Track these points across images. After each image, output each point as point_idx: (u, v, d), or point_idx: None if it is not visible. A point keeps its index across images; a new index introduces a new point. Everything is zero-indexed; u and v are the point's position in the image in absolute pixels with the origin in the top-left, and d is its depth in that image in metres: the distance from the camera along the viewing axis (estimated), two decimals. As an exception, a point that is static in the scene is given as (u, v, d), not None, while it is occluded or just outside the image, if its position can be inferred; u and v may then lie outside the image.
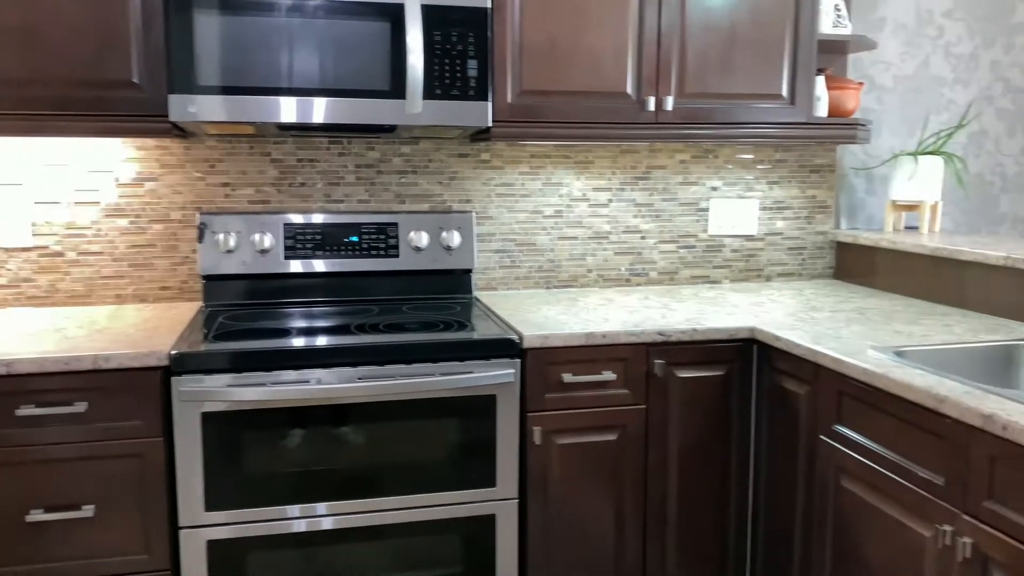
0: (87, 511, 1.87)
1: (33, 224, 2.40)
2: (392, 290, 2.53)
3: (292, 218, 2.44)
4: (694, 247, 2.87)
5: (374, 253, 2.48)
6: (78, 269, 2.43)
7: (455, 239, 2.52)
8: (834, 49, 2.72)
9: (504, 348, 2.03)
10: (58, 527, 1.87)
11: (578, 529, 2.16)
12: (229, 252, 2.40)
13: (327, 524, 1.98)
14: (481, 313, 2.33)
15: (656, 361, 2.14)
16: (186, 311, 2.36)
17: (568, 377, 2.09)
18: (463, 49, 2.15)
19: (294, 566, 1.97)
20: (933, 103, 3.04)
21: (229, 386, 1.88)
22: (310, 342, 1.97)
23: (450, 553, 2.06)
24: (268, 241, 2.41)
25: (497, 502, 2.07)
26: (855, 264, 2.87)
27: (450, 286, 2.57)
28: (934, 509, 1.58)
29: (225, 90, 2.03)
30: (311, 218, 2.46)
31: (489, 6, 2.16)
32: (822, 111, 2.58)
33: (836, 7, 2.61)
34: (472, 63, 2.16)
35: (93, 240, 2.43)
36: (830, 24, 2.60)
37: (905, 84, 3.00)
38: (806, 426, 2.00)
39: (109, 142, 2.41)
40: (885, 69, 2.97)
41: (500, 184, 2.68)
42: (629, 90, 2.36)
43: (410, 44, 2.06)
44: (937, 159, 2.79)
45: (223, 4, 2.00)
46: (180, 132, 2.23)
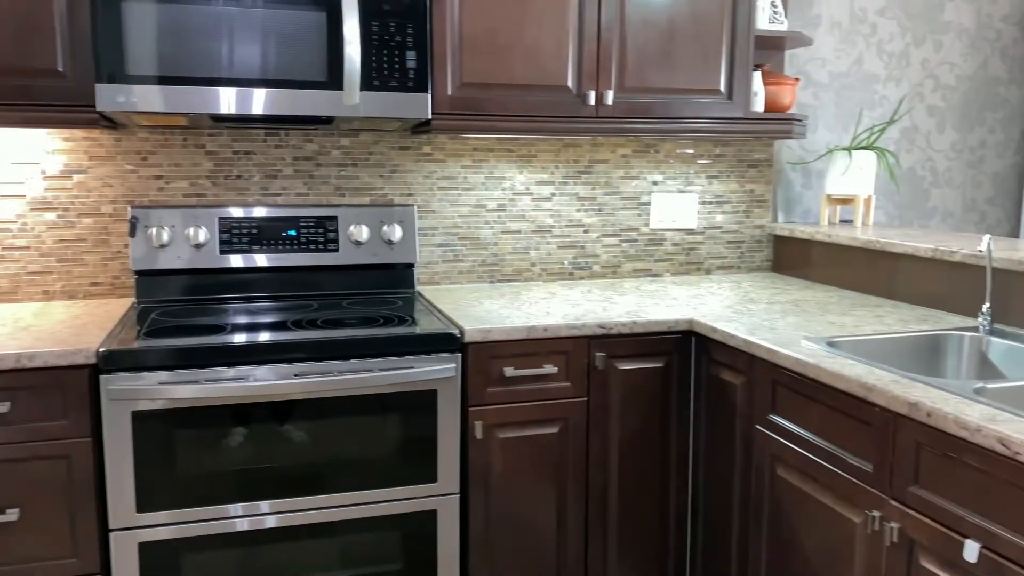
0: (11, 515, 1.80)
1: (-47, 218, 2.30)
2: (332, 285, 2.49)
3: (228, 212, 2.39)
4: (636, 241, 2.89)
5: (313, 247, 2.44)
6: (2, 265, 2.34)
7: (396, 233, 2.50)
8: (771, 45, 2.76)
9: (445, 343, 2.02)
10: (-20, 532, 1.80)
11: (520, 522, 2.16)
12: (163, 247, 2.34)
13: (264, 523, 1.94)
14: (423, 308, 2.31)
15: (597, 354, 2.15)
16: (118, 308, 2.29)
17: (510, 371, 2.09)
18: (401, 40, 2.12)
19: (231, 566, 1.93)
20: (867, 99, 3.11)
21: (161, 384, 1.83)
22: (245, 338, 1.93)
23: (392, 549, 2.04)
24: (203, 235, 2.35)
25: (438, 497, 2.05)
26: (792, 257, 2.93)
27: (392, 281, 2.54)
28: (863, 495, 1.62)
29: (157, 80, 1.97)
30: (248, 212, 2.40)
31: (428, -3, 2.15)
32: (759, 106, 2.62)
33: (772, 3, 2.65)
34: (411, 54, 2.13)
35: (18, 235, 2.34)
36: (766, 20, 2.64)
37: (840, 80, 3.06)
38: (742, 416, 2.03)
39: (34, 133, 2.33)
40: (821, 65, 3.03)
41: (442, 177, 2.66)
42: (570, 84, 2.37)
43: (347, 34, 2.03)
44: (870, 154, 2.86)
45: (152, -9, 1.94)
46: (109, 123, 2.16)
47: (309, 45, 2.06)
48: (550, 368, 2.12)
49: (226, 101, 2.03)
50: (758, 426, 1.96)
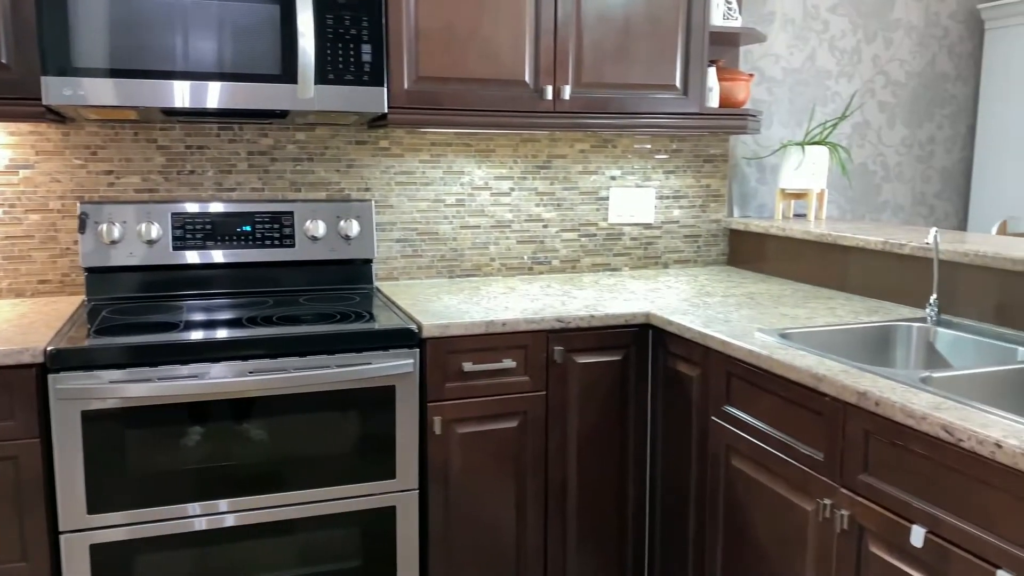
0: (-44, 519, 1.76)
1: None
2: (289, 281, 2.47)
3: (181, 207, 2.35)
4: (595, 235, 2.91)
5: (269, 243, 2.42)
6: (-54, 262, 2.28)
7: (354, 228, 2.48)
8: (725, 41, 2.79)
9: (402, 338, 2.01)
10: (-76, 537, 1.75)
11: (479, 517, 2.16)
12: (113, 243, 2.29)
13: (220, 522, 1.92)
14: (381, 303, 2.30)
15: (556, 348, 2.16)
16: (67, 306, 2.24)
17: (468, 366, 2.09)
18: (356, 33, 2.10)
19: (188, 566, 1.91)
20: (819, 95, 3.16)
21: (112, 383, 1.80)
22: (198, 336, 1.90)
23: (351, 546, 2.03)
24: (155, 231, 2.31)
25: (397, 494, 2.05)
26: (747, 250, 2.97)
27: (349, 276, 2.53)
28: (815, 484, 1.65)
29: (108, 73, 1.93)
30: (202, 207, 2.37)
31: (383, -10, 2.13)
32: (714, 102, 2.65)
33: (727, 0, 2.68)
34: (366, 48, 2.12)
35: (-38, 231, 2.28)
36: (721, 16, 2.66)
37: (793, 76, 3.11)
38: (698, 407, 2.06)
39: (-22, 127, 2.27)
40: (774, 61, 3.07)
41: (400, 172, 2.65)
42: (527, 79, 2.37)
43: (301, 27, 2.01)
44: (823, 149, 2.91)
45: (99, -18, 1.90)
46: (57, 117, 2.11)
47: (263, 38, 2.03)
48: (509, 362, 2.12)
49: (179, 94, 1.99)
50: (713, 417, 1.99)
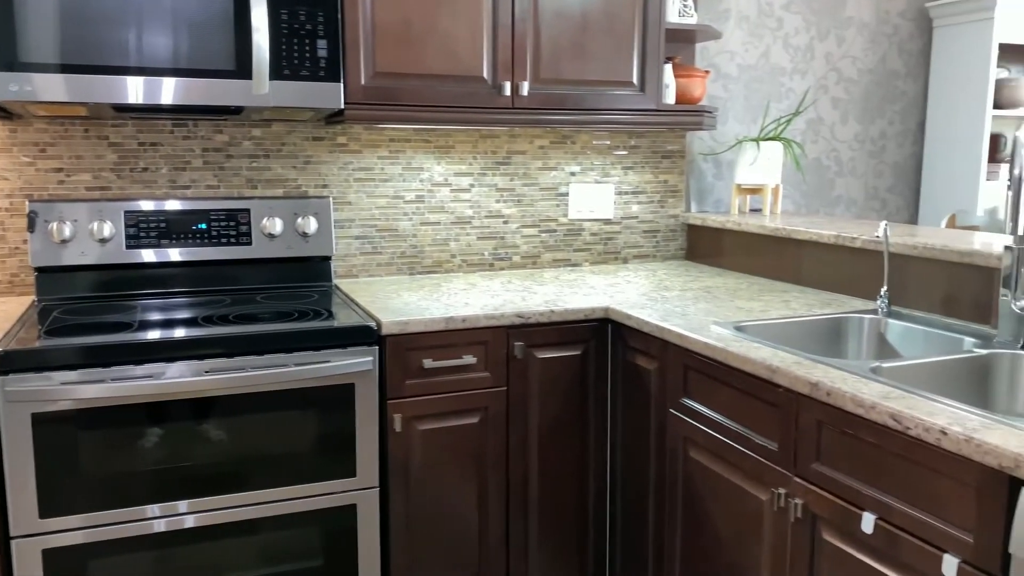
0: (-99, 527, 1.72)
1: None
2: (246, 279, 2.44)
3: (135, 205, 2.31)
4: (555, 231, 2.92)
5: (225, 241, 2.39)
6: None
7: (311, 225, 2.46)
8: (681, 38, 2.82)
9: (362, 336, 2.00)
10: None
11: (441, 512, 2.16)
12: (64, 242, 2.24)
13: (181, 523, 1.89)
14: (340, 301, 2.29)
15: (516, 343, 2.17)
16: (16, 306, 2.19)
17: (428, 363, 2.08)
18: (312, 29, 2.09)
19: (146, 569, 1.88)
20: (774, 91, 3.21)
21: (64, 384, 1.76)
22: (153, 335, 1.88)
23: (312, 545, 2.02)
24: (108, 230, 2.27)
25: (357, 492, 2.04)
26: (704, 245, 3.00)
27: (308, 274, 2.51)
28: (770, 474, 1.68)
29: (58, 68, 1.89)
30: (156, 205, 2.33)
31: (339, -14, 2.11)
32: (670, 98, 2.68)
33: (683, -3, 2.71)
34: (322, 43, 2.10)
35: (-95, 231, 2.22)
36: (677, 13, 2.69)
37: (748, 73, 3.15)
38: (656, 400, 2.08)
39: (-80, 123, 2.20)
40: (730, 58, 3.11)
41: (358, 168, 2.63)
42: (485, 74, 2.37)
43: (255, 22, 1.99)
44: (777, 144, 2.95)
45: (46, -25, 1.86)
46: (3, 113, 2.06)
47: (217, 33, 2.01)
48: (469, 359, 2.12)
49: (132, 90, 1.96)
50: (671, 409, 2.01)
